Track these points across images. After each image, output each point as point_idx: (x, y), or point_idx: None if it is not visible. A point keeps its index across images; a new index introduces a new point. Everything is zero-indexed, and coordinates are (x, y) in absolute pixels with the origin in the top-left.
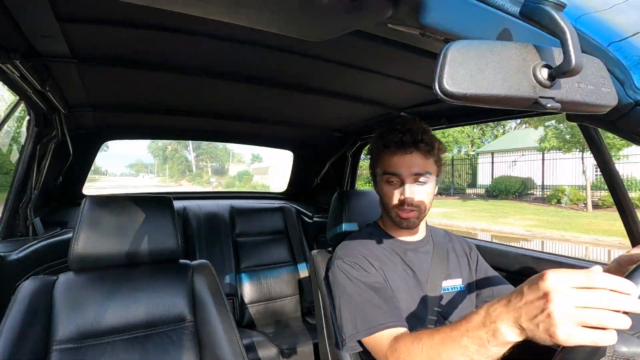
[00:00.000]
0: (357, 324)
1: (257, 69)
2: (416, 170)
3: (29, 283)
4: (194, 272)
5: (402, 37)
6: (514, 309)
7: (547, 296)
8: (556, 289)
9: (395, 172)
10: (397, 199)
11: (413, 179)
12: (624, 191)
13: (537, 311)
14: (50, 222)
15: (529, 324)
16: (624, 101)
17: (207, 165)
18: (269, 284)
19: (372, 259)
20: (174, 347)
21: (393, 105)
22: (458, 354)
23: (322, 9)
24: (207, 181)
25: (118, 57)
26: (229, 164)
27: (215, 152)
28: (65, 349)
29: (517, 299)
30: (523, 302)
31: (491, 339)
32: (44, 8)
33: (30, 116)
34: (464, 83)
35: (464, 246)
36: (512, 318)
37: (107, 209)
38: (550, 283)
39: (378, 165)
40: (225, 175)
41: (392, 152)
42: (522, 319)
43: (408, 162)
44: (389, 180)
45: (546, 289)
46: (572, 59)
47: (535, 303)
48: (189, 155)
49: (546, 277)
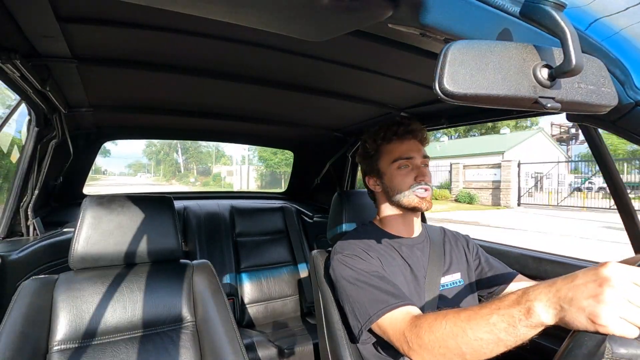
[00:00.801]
0: (369, 309)
1: (257, 69)
2: (424, 154)
3: (29, 283)
4: (194, 272)
5: (402, 37)
6: (559, 288)
7: (605, 282)
8: (617, 278)
9: (409, 156)
10: (413, 179)
11: (423, 162)
12: (625, 193)
13: (589, 294)
14: (51, 222)
15: (572, 305)
16: (624, 101)
17: (193, 167)
18: (269, 284)
19: (371, 252)
20: (174, 347)
21: (393, 105)
22: (484, 332)
23: (322, 9)
24: (189, 181)
25: (118, 57)
26: (212, 166)
27: (200, 156)
28: (65, 348)
29: (566, 281)
30: (574, 284)
31: (522, 318)
32: (44, 8)
33: (30, 116)
34: (464, 83)
35: (460, 240)
36: (554, 298)
37: (107, 209)
38: (612, 271)
39: (383, 157)
40: (208, 176)
41: (401, 139)
42: (567, 299)
43: (417, 147)
44: (401, 165)
45: (607, 275)
46: (572, 59)
47: (588, 285)
48: (179, 159)
49: (609, 265)
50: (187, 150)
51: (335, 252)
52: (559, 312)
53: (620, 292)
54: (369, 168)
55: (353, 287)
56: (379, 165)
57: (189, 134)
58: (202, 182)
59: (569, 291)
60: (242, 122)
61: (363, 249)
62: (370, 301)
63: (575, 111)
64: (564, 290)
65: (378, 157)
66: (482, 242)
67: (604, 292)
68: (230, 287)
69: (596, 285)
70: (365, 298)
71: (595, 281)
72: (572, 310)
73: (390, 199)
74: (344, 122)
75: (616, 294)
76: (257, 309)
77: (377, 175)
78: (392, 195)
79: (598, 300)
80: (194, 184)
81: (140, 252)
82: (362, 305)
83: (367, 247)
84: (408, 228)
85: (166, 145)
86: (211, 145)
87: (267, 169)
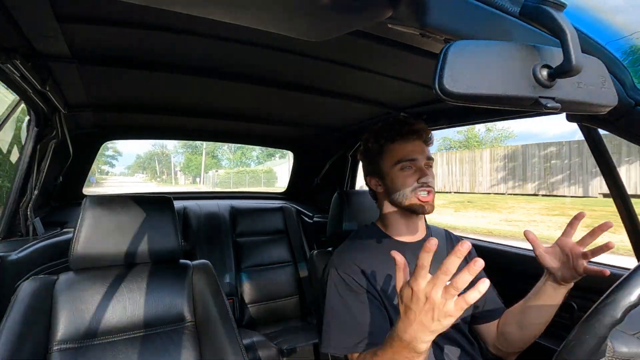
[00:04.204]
0: (331, 340)
1: (257, 69)
2: (427, 155)
3: (29, 283)
4: (194, 272)
5: (402, 37)
6: (418, 322)
7: (428, 298)
8: (428, 290)
9: (413, 157)
10: (416, 181)
11: (426, 164)
12: (626, 194)
13: (431, 311)
14: (50, 222)
15: (434, 323)
16: (624, 101)
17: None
18: (269, 284)
19: (367, 267)
20: (174, 347)
21: (393, 105)
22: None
23: (322, 9)
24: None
25: (118, 57)
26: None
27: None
28: (65, 349)
29: (410, 316)
30: (418, 314)
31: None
32: (44, 8)
33: (30, 116)
34: (464, 83)
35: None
36: (422, 330)
37: (107, 209)
38: (423, 289)
39: (386, 157)
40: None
41: (405, 140)
42: (428, 324)
43: (421, 148)
44: (404, 167)
45: (425, 294)
46: (572, 59)
47: (426, 307)
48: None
49: (418, 288)
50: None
51: (332, 264)
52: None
53: (438, 293)
54: (370, 168)
55: (332, 312)
56: (381, 165)
57: (188, 134)
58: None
59: (422, 319)
60: (242, 122)
61: (360, 264)
62: (336, 337)
63: (575, 111)
64: (420, 322)
65: (380, 158)
66: (482, 243)
67: (435, 304)
68: (230, 287)
69: (428, 304)
70: (334, 330)
71: (425, 302)
72: (437, 325)
73: (392, 200)
74: (344, 122)
75: (437, 294)
76: (257, 309)
77: (379, 176)
78: (394, 196)
79: (440, 307)
80: (179, 184)
81: (140, 252)
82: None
83: (364, 261)
84: (411, 231)
85: (157, 154)
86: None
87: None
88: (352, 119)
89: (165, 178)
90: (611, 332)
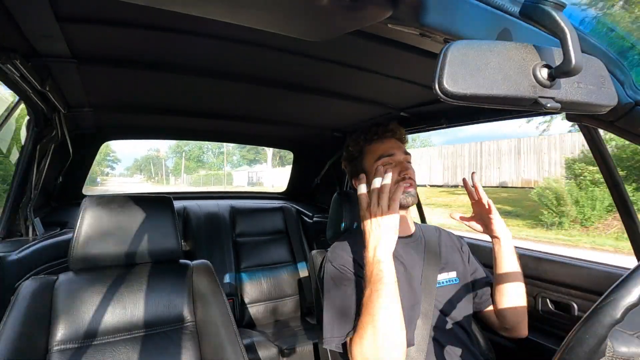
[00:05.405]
0: (334, 330)
1: (257, 69)
2: (404, 150)
3: (29, 283)
4: (194, 272)
5: (402, 37)
6: (369, 233)
7: (370, 207)
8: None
9: (392, 152)
10: (397, 174)
11: (405, 159)
12: (625, 194)
13: (375, 217)
14: (50, 222)
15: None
16: (623, 101)
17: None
18: (269, 284)
19: (360, 258)
20: (174, 347)
21: (393, 105)
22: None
23: (322, 9)
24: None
25: (118, 57)
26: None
27: (178, 167)
28: (65, 349)
29: (366, 228)
30: (372, 227)
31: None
32: (44, 8)
33: (30, 116)
34: (464, 83)
35: (454, 240)
36: (375, 236)
37: (107, 209)
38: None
39: (366, 156)
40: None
41: (382, 139)
42: (376, 229)
43: (398, 145)
44: (386, 163)
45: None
46: (572, 59)
47: (371, 216)
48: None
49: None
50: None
51: (327, 259)
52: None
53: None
54: (354, 169)
55: (331, 303)
56: (363, 164)
57: (188, 134)
58: (177, 183)
59: (372, 229)
60: (242, 122)
61: (354, 258)
62: (338, 325)
63: (574, 111)
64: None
65: (362, 158)
66: (480, 242)
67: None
68: (230, 287)
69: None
70: (335, 319)
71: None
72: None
73: None
74: (344, 122)
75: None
76: (257, 309)
77: (361, 174)
78: None
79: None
80: (171, 184)
81: (140, 252)
82: (331, 325)
83: (357, 251)
84: (400, 227)
85: (152, 158)
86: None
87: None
88: (352, 119)
89: (158, 179)
90: (611, 332)
